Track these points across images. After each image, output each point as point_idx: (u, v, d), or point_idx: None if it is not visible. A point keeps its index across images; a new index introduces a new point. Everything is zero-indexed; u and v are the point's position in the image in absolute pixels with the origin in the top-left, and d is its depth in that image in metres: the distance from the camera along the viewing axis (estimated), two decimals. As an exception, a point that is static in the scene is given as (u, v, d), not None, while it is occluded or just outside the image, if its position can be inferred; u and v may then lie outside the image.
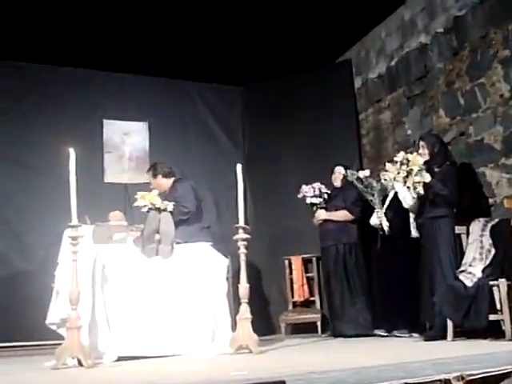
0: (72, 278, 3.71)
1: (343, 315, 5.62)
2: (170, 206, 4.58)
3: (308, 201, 5.89)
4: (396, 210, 5.32)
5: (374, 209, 5.46)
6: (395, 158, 4.76)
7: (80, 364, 3.63)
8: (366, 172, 5.68)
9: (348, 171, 5.76)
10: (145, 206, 4.55)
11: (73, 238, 3.75)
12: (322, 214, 5.86)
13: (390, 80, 6.54)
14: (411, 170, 4.64)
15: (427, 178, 4.67)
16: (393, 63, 6.48)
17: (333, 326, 5.75)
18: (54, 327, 4.36)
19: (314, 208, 5.91)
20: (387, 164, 5.28)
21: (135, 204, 4.64)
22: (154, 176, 5.40)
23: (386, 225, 5.31)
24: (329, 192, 5.92)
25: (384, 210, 5.39)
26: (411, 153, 4.92)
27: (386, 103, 6.60)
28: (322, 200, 5.89)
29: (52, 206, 5.80)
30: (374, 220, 5.52)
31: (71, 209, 3.79)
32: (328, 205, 5.89)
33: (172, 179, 5.36)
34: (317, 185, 5.90)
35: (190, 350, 4.22)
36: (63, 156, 4.03)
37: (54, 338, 4.48)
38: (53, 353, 3.77)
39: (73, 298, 3.67)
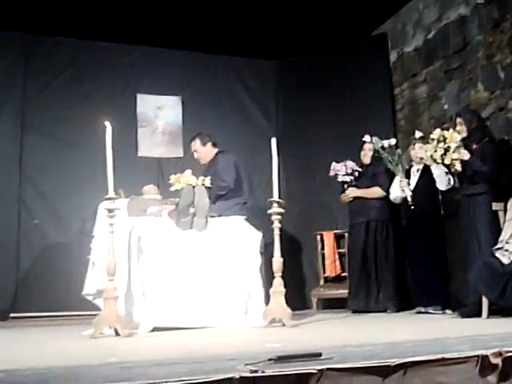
0: (109, 249, 3.76)
1: (370, 292, 5.60)
2: (207, 181, 4.60)
3: (340, 179, 5.86)
4: (425, 185, 5.27)
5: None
6: (431, 136, 4.69)
7: (117, 334, 3.70)
8: (392, 141, 5.63)
9: (374, 138, 5.70)
10: (182, 188, 4.58)
11: (109, 210, 3.79)
12: (353, 192, 5.82)
13: (426, 53, 6.40)
14: (449, 147, 4.57)
15: (466, 155, 4.60)
16: (430, 36, 6.32)
17: (355, 302, 5.71)
18: (89, 298, 4.44)
19: (345, 186, 5.87)
20: (418, 139, 5.20)
21: (172, 189, 4.67)
22: (204, 144, 5.39)
23: (409, 194, 5.25)
24: (360, 170, 5.87)
25: (408, 182, 5.33)
26: (447, 129, 4.84)
27: (423, 77, 6.47)
28: (352, 178, 5.84)
29: (88, 180, 5.91)
30: (394, 193, 5.47)
31: (108, 181, 3.82)
32: (358, 182, 5.85)
33: (216, 150, 5.37)
34: (349, 163, 5.85)
35: (224, 322, 4.27)
36: (98, 130, 4.07)
37: (89, 308, 4.58)
38: (89, 323, 3.85)
39: (110, 269, 3.73)
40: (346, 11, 6.46)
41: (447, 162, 4.60)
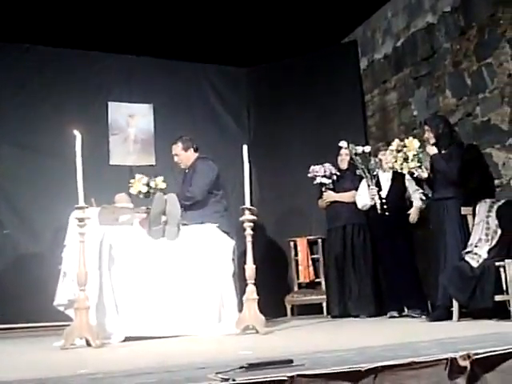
0: (79, 259, 3.73)
1: (348, 297, 5.63)
2: (160, 182, 4.60)
3: (318, 180, 5.84)
4: (395, 192, 5.37)
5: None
6: (390, 147, 4.78)
7: (88, 344, 3.66)
8: (367, 148, 5.68)
9: (350, 145, 5.76)
10: (139, 192, 4.59)
11: (79, 220, 3.76)
12: (330, 196, 5.84)
13: (396, 60, 6.49)
14: (407, 156, 4.66)
15: (432, 150, 4.71)
16: (399, 43, 6.42)
17: (336, 308, 5.74)
18: (61, 308, 4.40)
19: (323, 188, 5.87)
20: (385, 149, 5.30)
21: (132, 192, 4.69)
22: (185, 149, 5.35)
23: (378, 202, 5.34)
24: (338, 174, 5.88)
25: (377, 190, 5.42)
26: (414, 136, 4.95)
27: (392, 84, 6.56)
28: (330, 181, 5.86)
29: (60, 189, 5.81)
30: (363, 201, 5.53)
31: (78, 191, 3.80)
32: (336, 186, 5.87)
33: (197, 155, 5.36)
34: (327, 165, 5.85)
35: (197, 330, 4.25)
36: (70, 138, 4.04)
37: (61, 319, 4.53)
38: (61, 334, 3.81)
39: (80, 279, 3.70)
40: (317, 18, 6.52)
41: (405, 171, 4.71)
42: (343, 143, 5.84)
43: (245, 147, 4.43)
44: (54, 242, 5.73)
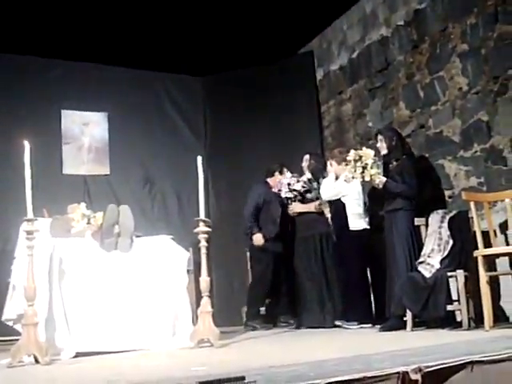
0: (28, 273, 3.61)
1: (322, 306, 5.57)
2: (99, 217, 4.48)
3: (283, 195, 5.85)
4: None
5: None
6: (347, 158, 4.79)
7: (36, 361, 3.54)
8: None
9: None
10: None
11: (28, 232, 3.64)
12: (296, 207, 5.84)
13: (351, 72, 6.57)
14: (366, 164, 4.70)
15: (381, 179, 4.74)
16: (354, 55, 6.51)
17: (301, 318, 5.70)
18: (10, 323, 4.25)
19: (289, 201, 5.88)
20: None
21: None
22: None
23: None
24: (304, 186, 5.84)
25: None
26: (369, 147, 4.99)
27: (348, 95, 6.63)
28: (296, 193, 5.83)
29: (11, 199, 5.65)
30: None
31: (27, 202, 3.69)
32: (304, 197, 5.83)
33: None
34: (293, 180, 5.83)
35: (151, 344, 4.17)
36: (22, 147, 3.92)
37: (12, 334, 4.38)
38: (10, 349, 3.68)
39: (29, 294, 3.58)
40: (274, 29, 6.54)
41: (367, 178, 4.73)
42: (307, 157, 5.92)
43: (199, 158, 4.36)
44: (3, 254, 5.57)
